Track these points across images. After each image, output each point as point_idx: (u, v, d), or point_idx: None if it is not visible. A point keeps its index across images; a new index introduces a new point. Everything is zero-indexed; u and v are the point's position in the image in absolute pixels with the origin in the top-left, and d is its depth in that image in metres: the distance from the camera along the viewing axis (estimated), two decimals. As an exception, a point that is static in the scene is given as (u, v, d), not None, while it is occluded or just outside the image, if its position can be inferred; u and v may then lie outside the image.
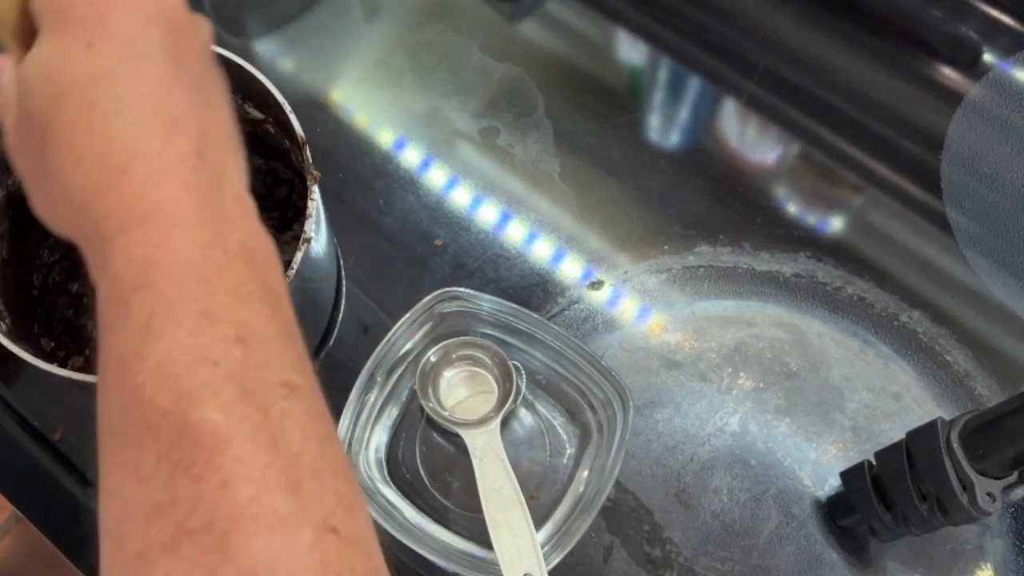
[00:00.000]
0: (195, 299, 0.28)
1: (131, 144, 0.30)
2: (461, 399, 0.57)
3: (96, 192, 0.30)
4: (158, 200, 0.30)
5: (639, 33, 0.74)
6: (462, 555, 0.53)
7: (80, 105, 0.31)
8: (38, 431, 0.56)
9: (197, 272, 0.29)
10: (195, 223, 0.30)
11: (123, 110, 0.31)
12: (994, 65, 0.73)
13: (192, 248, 0.29)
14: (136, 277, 0.28)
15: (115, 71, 0.32)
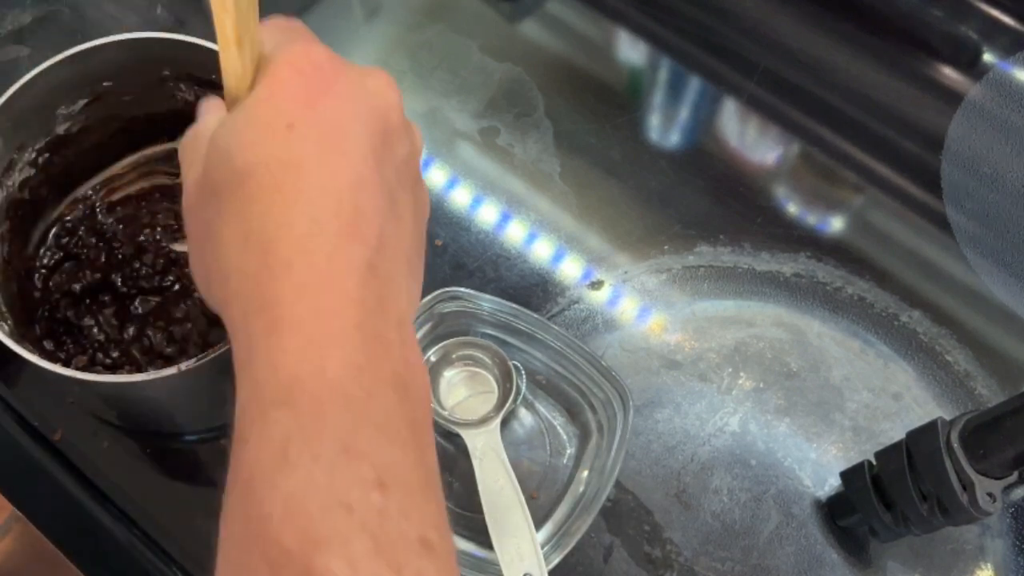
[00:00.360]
0: (337, 429, 0.26)
1: (302, 240, 0.29)
2: (461, 399, 0.57)
3: (255, 281, 0.29)
4: (315, 307, 0.28)
5: (639, 33, 0.74)
6: (462, 555, 0.53)
7: (262, 186, 0.29)
8: (38, 431, 0.56)
9: (344, 397, 0.27)
10: (350, 342, 0.27)
11: (304, 202, 0.29)
12: (994, 65, 0.73)
13: (343, 368, 0.27)
14: (278, 390, 0.26)
15: (308, 161, 0.30)
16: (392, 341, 0.29)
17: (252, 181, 0.29)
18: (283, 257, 0.28)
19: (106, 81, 0.54)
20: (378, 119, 0.32)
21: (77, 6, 0.72)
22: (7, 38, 0.70)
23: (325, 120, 0.31)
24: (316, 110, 0.31)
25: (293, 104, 0.31)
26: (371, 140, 0.31)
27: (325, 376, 0.27)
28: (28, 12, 0.71)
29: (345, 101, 0.31)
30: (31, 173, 0.54)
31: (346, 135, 0.31)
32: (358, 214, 0.30)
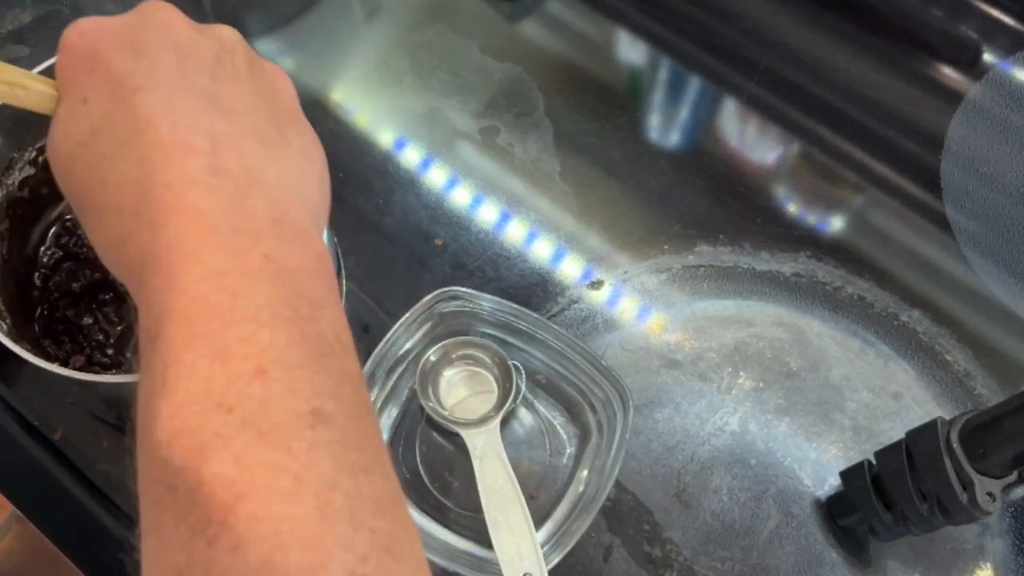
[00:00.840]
0: (206, 339, 0.26)
1: (138, 184, 0.29)
2: (461, 399, 0.57)
3: (122, 243, 0.29)
4: (169, 236, 0.27)
5: (639, 33, 0.74)
6: (462, 555, 0.53)
7: (88, 162, 0.30)
8: (38, 431, 0.56)
9: (208, 308, 0.26)
10: (207, 251, 0.27)
11: (123, 154, 0.29)
12: (994, 65, 0.73)
13: (202, 281, 0.27)
14: (153, 327, 0.27)
15: (111, 115, 0.30)
16: (260, 225, 0.29)
17: (81, 162, 0.30)
18: (130, 209, 0.29)
19: (106, 81, 0.54)
20: (161, 43, 0.32)
21: (77, 6, 0.72)
22: (7, 38, 0.70)
23: (108, 72, 0.31)
24: (98, 70, 0.31)
25: (78, 81, 0.31)
26: (161, 64, 0.31)
27: (188, 295, 0.26)
28: (28, 12, 0.71)
29: (120, 45, 0.31)
30: (31, 172, 0.54)
31: (134, 74, 0.31)
32: (176, 132, 0.29)
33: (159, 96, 0.30)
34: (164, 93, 0.30)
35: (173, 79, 0.31)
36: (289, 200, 0.30)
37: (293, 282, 0.28)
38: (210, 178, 0.29)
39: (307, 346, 0.27)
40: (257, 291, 0.27)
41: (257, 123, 0.32)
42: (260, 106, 0.33)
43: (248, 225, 0.28)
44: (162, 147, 0.29)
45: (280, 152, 0.32)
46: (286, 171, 0.32)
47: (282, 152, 0.32)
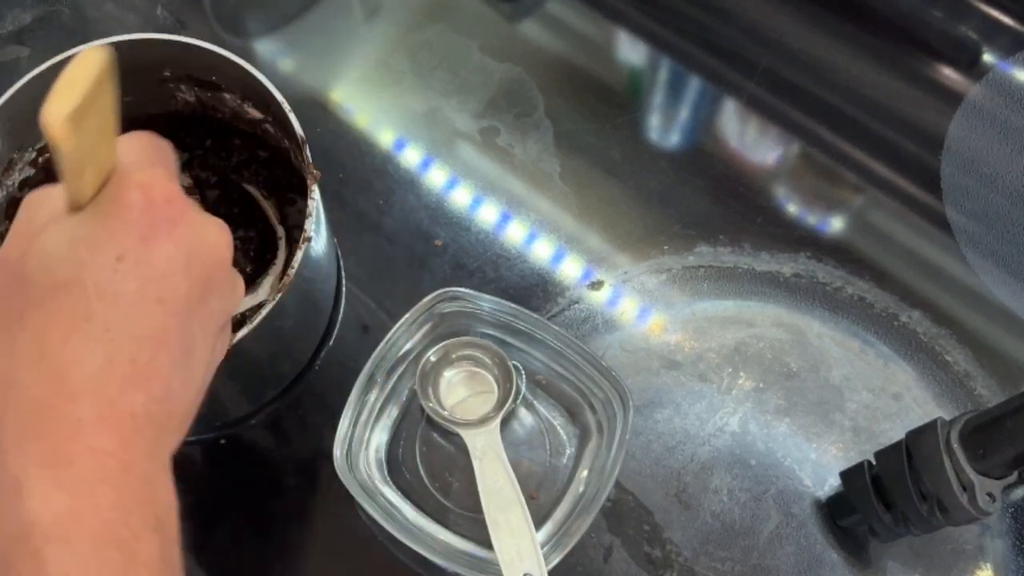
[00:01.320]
0: (113, 569, 0.28)
1: (93, 378, 0.29)
2: (461, 399, 0.57)
3: (38, 404, 0.29)
4: (92, 447, 0.29)
5: (639, 33, 0.74)
6: (462, 555, 0.53)
7: (73, 309, 0.30)
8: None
9: (116, 538, 0.28)
10: (121, 485, 0.29)
11: (106, 340, 0.30)
12: (994, 65, 0.73)
13: (114, 510, 0.28)
14: (55, 527, 0.27)
15: (123, 299, 0.30)
16: (158, 485, 0.31)
17: (63, 298, 0.30)
18: (70, 390, 0.29)
19: (106, 81, 0.54)
20: (204, 274, 0.33)
21: (77, 6, 0.72)
22: (7, 38, 0.70)
23: (154, 262, 0.31)
24: (149, 248, 0.31)
25: (129, 235, 0.31)
26: (189, 293, 0.32)
27: (99, 516, 0.28)
28: (28, 12, 0.71)
29: (179, 247, 0.32)
30: (31, 173, 0.54)
31: (168, 283, 0.31)
32: (151, 365, 0.31)
33: (164, 324, 0.31)
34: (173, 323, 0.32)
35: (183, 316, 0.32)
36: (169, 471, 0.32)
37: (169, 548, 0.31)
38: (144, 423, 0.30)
39: None
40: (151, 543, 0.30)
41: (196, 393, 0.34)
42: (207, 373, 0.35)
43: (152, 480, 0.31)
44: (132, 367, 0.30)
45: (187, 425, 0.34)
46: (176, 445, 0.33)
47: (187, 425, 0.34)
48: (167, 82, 0.56)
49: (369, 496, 0.52)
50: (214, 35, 0.73)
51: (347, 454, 0.53)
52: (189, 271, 0.32)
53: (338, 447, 0.52)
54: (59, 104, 0.28)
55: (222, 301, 0.35)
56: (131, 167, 0.32)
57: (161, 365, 0.31)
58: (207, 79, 0.55)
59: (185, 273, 0.32)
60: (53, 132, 0.28)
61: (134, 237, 0.31)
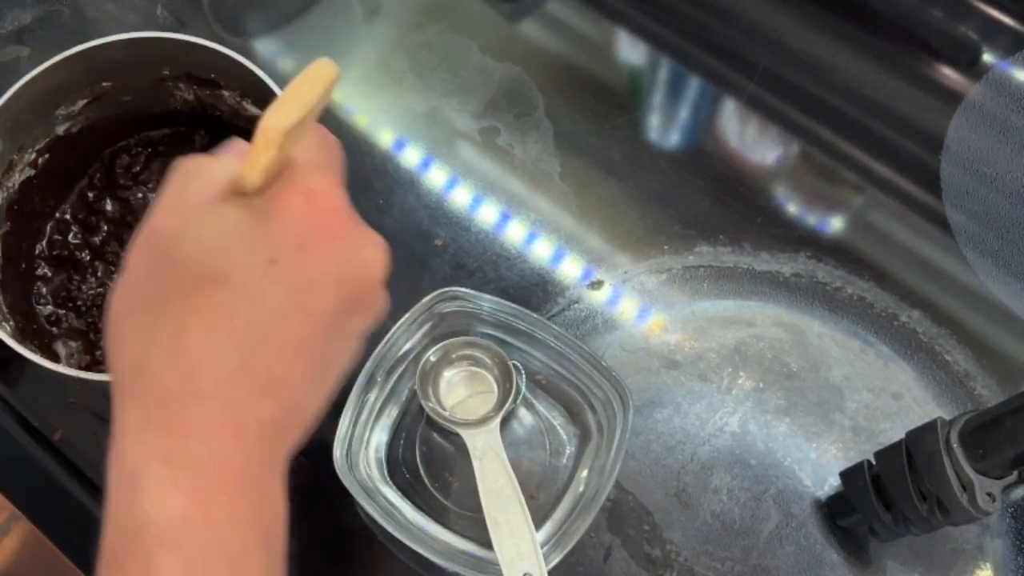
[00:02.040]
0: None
1: (225, 379, 0.29)
2: (461, 399, 0.57)
3: (167, 396, 0.29)
4: (214, 451, 0.28)
5: (639, 33, 0.74)
6: (462, 555, 0.53)
7: (220, 304, 0.29)
8: (39, 431, 0.56)
9: (227, 551, 0.28)
10: (238, 493, 0.29)
11: (245, 343, 0.29)
12: (994, 65, 0.73)
13: (228, 519, 0.28)
14: (168, 532, 0.27)
15: (271, 304, 0.30)
16: (272, 497, 0.30)
17: (211, 293, 0.29)
18: (201, 388, 0.29)
19: (106, 81, 0.54)
20: (354, 289, 0.32)
21: (77, 6, 0.72)
22: (7, 38, 0.70)
23: (307, 271, 0.31)
24: (303, 257, 0.30)
25: (286, 240, 0.30)
26: (336, 308, 0.31)
27: (212, 525, 0.28)
28: (28, 12, 0.71)
29: (335, 260, 0.31)
30: (31, 174, 0.54)
31: (316, 295, 0.31)
32: (286, 377, 0.30)
33: (305, 336, 0.31)
34: (316, 335, 0.31)
35: (326, 331, 0.32)
36: (283, 484, 0.32)
37: (277, 559, 0.30)
38: (269, 431, 0.30)
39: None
40: (261, 558, 0.29)
41: (320, 407, 0.33)
42: (334, 387, 0.34)
43: (267, 490, 0.30)
44: (268, 373, 0.30)
45: (298, 441, 0.33)
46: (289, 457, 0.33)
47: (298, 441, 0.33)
48: (166, 81, 0.56)
49: (369, 496, 0.52)
50: (214, 35, 0.72)
51: (347, 454, 0.53)
52: (340, 286, 0.31)
53: (338, 447, 0.52)
54: (283, 116, 0.28)
55: (365, 319, 0.34)
56: (302, 168, 0.32)
57: (295, 376, 0.31)
58: (206, 77, 0.55)
59: (335, 288, 0.31)
60: (268, 143, 0.28)
61: (291, 243, 0.30)
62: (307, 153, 0.32)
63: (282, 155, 0.30)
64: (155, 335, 0.29)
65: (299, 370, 0.31)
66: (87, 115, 0.55)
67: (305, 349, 0.31)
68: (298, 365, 0.31)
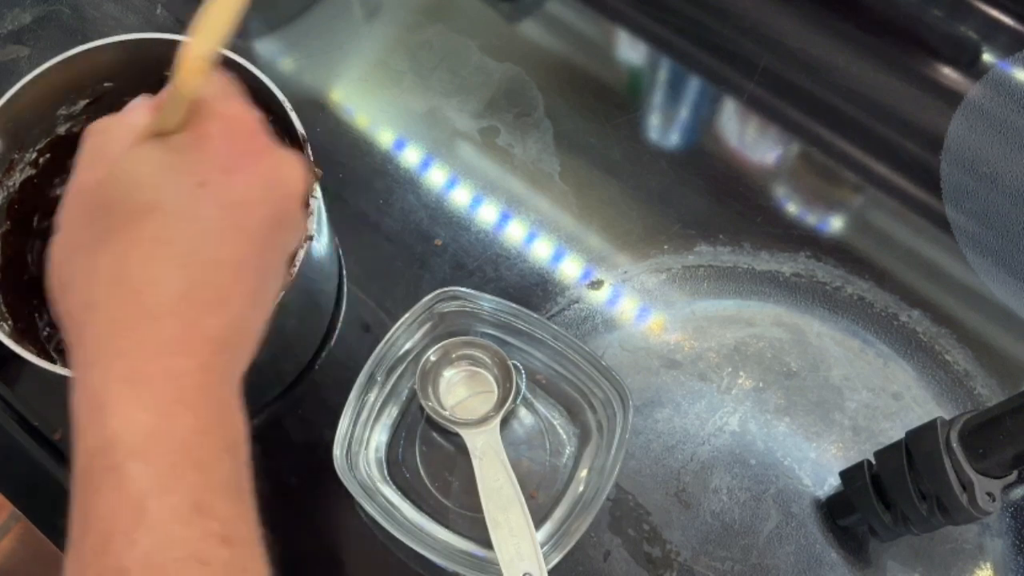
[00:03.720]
0: (190, 488, 0.28)
1: (173, 300, 0.30)
2: (461, 399, 0.57)
3: (119, 324, 0.29)
4: (172, 368, 0.29)
5: (639, 33, 0.74)
6: (462, 555, 0.53)
7: (155, 233, 0.30)
8: (39, 431, 0.56)
9: (194, 458, 0.29)
10: (199, 405, 0.29)
11: (187, 264, 0.30)
12: (994, 65, 0.73)
13: (192, 431, 0.29)
14: (136, 443, 0.28)
15: (205, 224, 0.31)
16: (231, 408, 0.31)
17: (146, 223, 0.30)
18: (151, 309, 0.30)
19: (107, 82, 0.54)
20: (280, 205, 0.33)
21: (77, 6, 0.72)
22: (7, 38, 0.70)
23: (235, 191, 0.32)
24: (230, 178, 0.32)
25: (212, 164, 0.31)
26: (267, 223, 0.33)
27: (179, 435, 0.29)
28: (28, 12, 0.71)
29: (259, 178, 0.32)
30: (32, 173, 0.54)
31: (247, 211, 0.32)
32: (229, 291, 0.31)
33: (243, 251, 0.32)
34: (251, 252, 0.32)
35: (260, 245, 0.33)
36: (240, 395, 0.33)
37: (242, 470, 0.31)
38: (221, 347, 0.31)
39: (252, 526, 0.30)
40: (226, 463, 0.30)
41: (263, 323, 0.34)
42: (272, 304, 0.36)
43: (226, 402, 0.31)
44: (211, 291, 0.31)
45: (253, 353, 0.34)
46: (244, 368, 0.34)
47: (253, 353, 0.34)
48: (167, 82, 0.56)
49: (369, 496, 0.52)
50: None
51: (347, 454, 0.53)
52: (267, 201, 0.33)
53: (338, 447, 0.52)
54: (205, 44, 0.29)
55: (293, 233, 0.35)
56: (213, 99, 0.33)
57: (238, 291, 0.32)
58: (207, 79, 0.55)
59: (263, 203, 0.32)
60: (190, 77, 0.29)
61: (216, 167, 0.31)
62: (212, 87, 0.33)
63: None
64: (97, 271, 0.30)
65: (241, 286, 0.32)
66: (88, 116, 0.55)
67: (244, 265, 0.32)
68: (240, 281, 0.32)
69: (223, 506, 0.29)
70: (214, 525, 0.28)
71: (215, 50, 0.29)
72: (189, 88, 0.31)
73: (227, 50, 0.51)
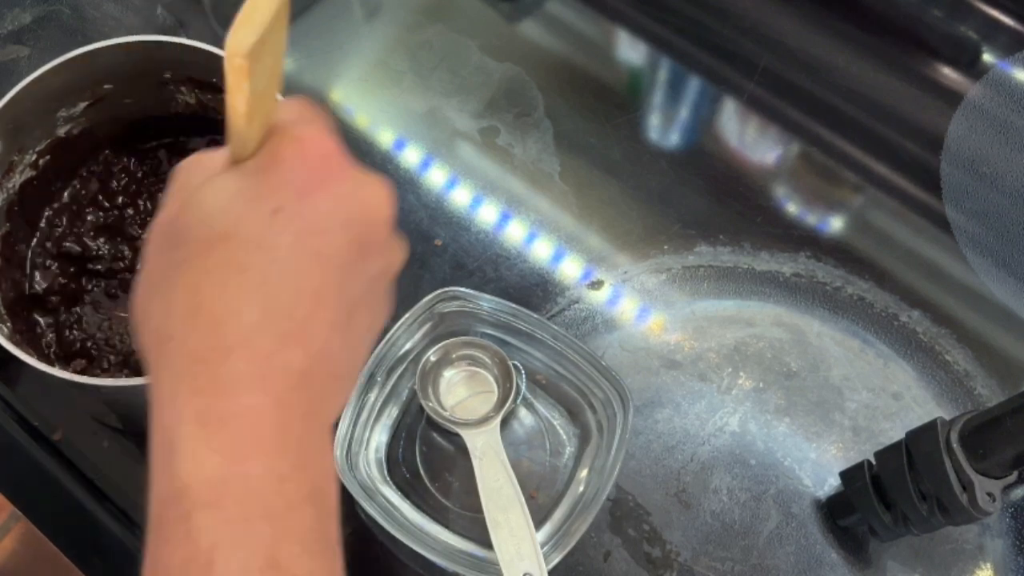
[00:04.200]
0: (262, 541, 0.27)
1: (248, 330, 0.28)
2: (461, 399, 0.57)
3: (193, 357, 0.28)
4: (247, 406, 0.28)
5: (639, 33, 0.74)
6: (462, 555, 0.53)
7: (229, 261, 0.29)
8: (38, 431, 0.56)
9: (268, 508, 0.27)
10: (276, 448, 0.28)
11: (263, 293, 0.29)
12: (994, 65, 0.73)
13: (266, 476, 0.27)
14: (203, 491, 0.27)
15: (281, 251, 0.29)
16: (315, 451, 0.30)
17: (220, 251, 0.29)
18: (226, 342, 0.28)
19: (107, 84, 0.54)
20: (363, 230, 0.32)
21: (77, 6, 0.72)
22: (7, 38, 0.70)
23: (311, 216, 0.30)
24: (306, 203, 0.30)
25: (286, 189, 0.30)
26: (348, 249, 0.31)
27: (250, 482, 0.27)
28: (28, 12, 0.71)
29: (337, 202, 0.31)
30: (31, 175, 0.54)
31: (326, 238, 0.30)
32: (309, 320, 0.29)
33: (322, 279, 0.30)
34: (332, 279, 0.30)
35: (341, 273, 0.31)
36: (330, 440, 0.31)
37: (327, 520, 0.29)
38: (300, 381, 0.29)
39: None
40: (306, 514, 0.28)
41: (354, 358, 0.33)
42: (366, 340, 0.34)
43: (308, 444, 0.29)
44: (290, 322, 0.29)
45: (345, 394, 0.33)
46: (336, 413, 0.32)
47: (345, 394, 0.33)
48: (168, 84, 0.56)
49: (369, 496, 0.52)
50: (214, 35, 0.73)
51: (347, 454, 0.53)
52: (347, 227, 0.31)
53: (338, 447, 0.52)
54: (244, 34, 0.27)
55: (383, 262, 0.33)
56: (289, 124, 0.32)
57: (320, 322, 0.30)
58: (208, 81, 0.55)
59: (343, 229, 0.31)
60: (237, 62, 0.27)
61: (290, 192, 0.30)
62: (292, 113, 0.32)
63: (264, 115, 0.31)
64: (172, 304, 0.29)
65: (322, 316, 0.30)
66: (88, 117, 0.55)
67: (325, 294, 0.30)
68: (320, 311, 0.30)
69: (300, 562, 0.27)
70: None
71: (254, 42, 0.27)
72: (243, 94, 0.29)
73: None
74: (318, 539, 0.28)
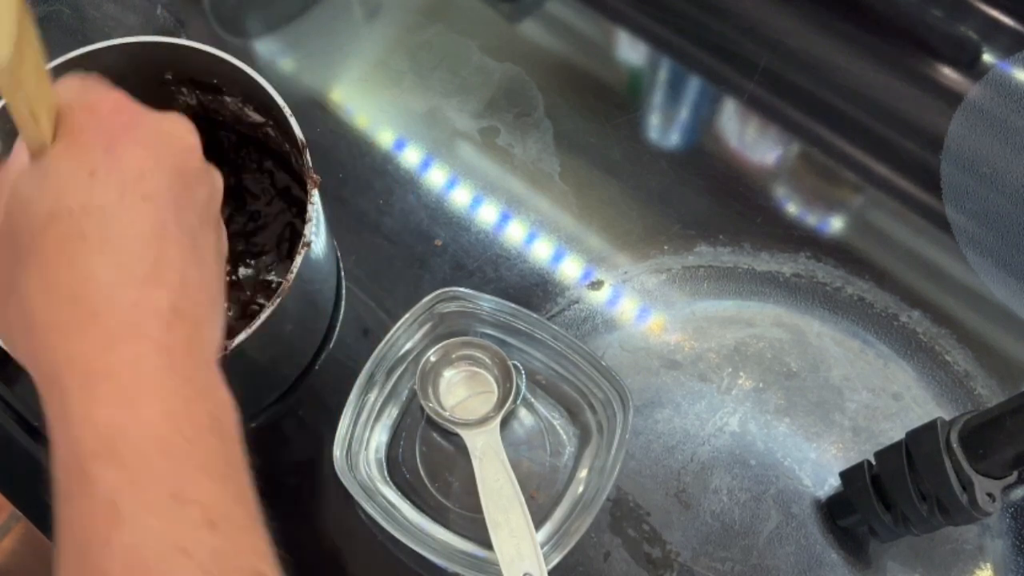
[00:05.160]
0: (164, 477, 0.27)
1: (107, 288, 0.29)
2: (461, 399, 0.57)
3: (62, 332, 0.29)
4: (126, 356, 0.28)
5: (639, 33, 0.74)
6: (462, 555, 0.53)
7: (66, 234, 0.29)
8: (38, 431, 0.56)
9: (165, 445, 0.27)
10: (164, 388, 0.28)
11: (108, 250, 0.29)
12: (994, 65, 0.73)
13: (160, 417, 0.28)
14: (98, 443, 0.27)
15: (111, 207, 0.30)
16: (204, 382, 0.30)
17: (55, 229, 0.29)
18: (89, 307, 0.29)
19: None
20: (177, 161, 0.33)
21: (77, 6, 0.72)
22: (7, 38, 0.70)
23: (126, 165, 0.31)
24: (116, 155, 0.31)
25: (93, 151, 0.31)
26: (171, 184, 0.32)
27: (143, 425, 0.27)
28: (28, 12, 0.71)
29: (144, 146, 0.32)
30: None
31: (148, 180, 0.31)
32: (161, 259, 0.30)
33: (158, 217, 0.31)
34: (166, 216, 0.31)
35: (177, 206, 0.32)
36: (218, 367, 0.31)
37: (227, 443, 0.30)
38: (172, 318, 0.30)
39: (244, 507, 0.29)
40: (206, 444, 0.29)
41: (215, 282, 0.33)
42: (219, 262, 0.34)
43: (195, 377, 0.30)
44: (142, 265, 0.30)
45: (219, 320, 0.33)
46: (218, 340, 0.33)
47: (220, 320, 0.33)
48: (168, 85, 0.56)
49: (369, 496, 0.52)
50: (214, 35, 0.73)
51: (347, 454, 0.53)
52: (162, 165, 0.32)
53: (338, 447, 0.52)
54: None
55: (206, 187, 0.34)
56: (73, 99, 0.32)
57: (171, 258, 0.31)
58: (208, 82, 0.55)
59: (159, 167, 0.32)
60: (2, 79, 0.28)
61: (98, 151, 0.31)
62: (71, 92, 0.33)
63: (47, 106, 0.31)
64: (26, 292, 0.30)
65: (171, 252, 0.31)
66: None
67: (166, 231, 0.31)
68: (168, 247, 0.31)
69: (206, 489, 0.28)
70: (195, 511, 0.27)
71: (10, 53, 0.28)
72: (13, 103, 0.30)
73: (224, 52, 0.51)
74: (223, 466, 0.29)
